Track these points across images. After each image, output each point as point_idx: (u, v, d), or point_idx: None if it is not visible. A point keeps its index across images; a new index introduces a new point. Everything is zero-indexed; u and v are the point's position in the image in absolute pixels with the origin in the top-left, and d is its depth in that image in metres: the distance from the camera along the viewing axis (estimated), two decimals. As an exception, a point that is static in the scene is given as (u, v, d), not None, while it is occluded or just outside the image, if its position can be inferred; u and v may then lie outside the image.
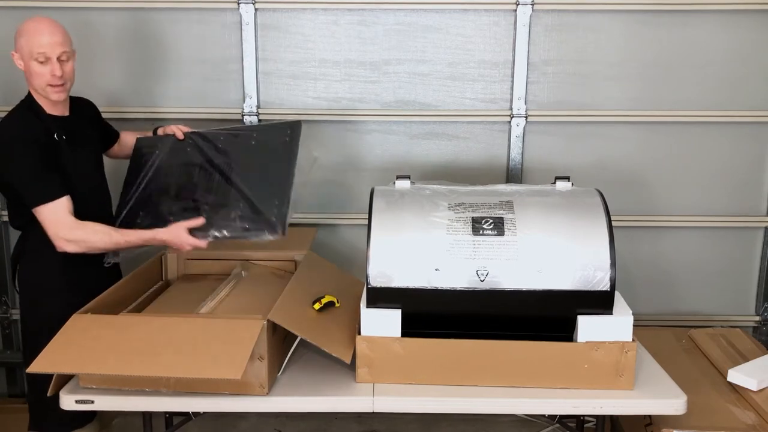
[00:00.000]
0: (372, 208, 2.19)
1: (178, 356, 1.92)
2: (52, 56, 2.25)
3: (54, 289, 2.35)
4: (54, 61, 2.25)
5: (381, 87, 3.16)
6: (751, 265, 3.32)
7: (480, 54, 3.12)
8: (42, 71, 2.25)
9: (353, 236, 3.25)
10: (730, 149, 3.20)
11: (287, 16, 3.10)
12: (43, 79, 2.26)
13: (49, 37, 2.25)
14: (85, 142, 2.42)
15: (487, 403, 2.07)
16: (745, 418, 2.29)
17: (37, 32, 2.24)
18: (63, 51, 2.27)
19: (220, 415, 3.19)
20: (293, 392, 2.07)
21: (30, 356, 2.37)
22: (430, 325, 2.10)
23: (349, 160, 3.21)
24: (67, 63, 2.30)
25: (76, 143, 2.37)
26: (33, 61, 2.24)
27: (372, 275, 2.08)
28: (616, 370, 2.05)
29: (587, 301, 2.06)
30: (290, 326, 2.04)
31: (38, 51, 2.23)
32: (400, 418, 3.28)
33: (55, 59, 2.25)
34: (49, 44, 2.24)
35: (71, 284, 2.35)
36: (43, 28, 2.25)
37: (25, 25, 2.29)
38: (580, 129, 3.18)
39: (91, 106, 2.60)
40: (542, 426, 3.22)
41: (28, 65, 2.27)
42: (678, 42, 3.10)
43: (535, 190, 2.32)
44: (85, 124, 2.48)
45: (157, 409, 2.16)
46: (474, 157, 3.20)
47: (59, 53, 2.26)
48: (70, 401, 2.00)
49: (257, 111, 3.15)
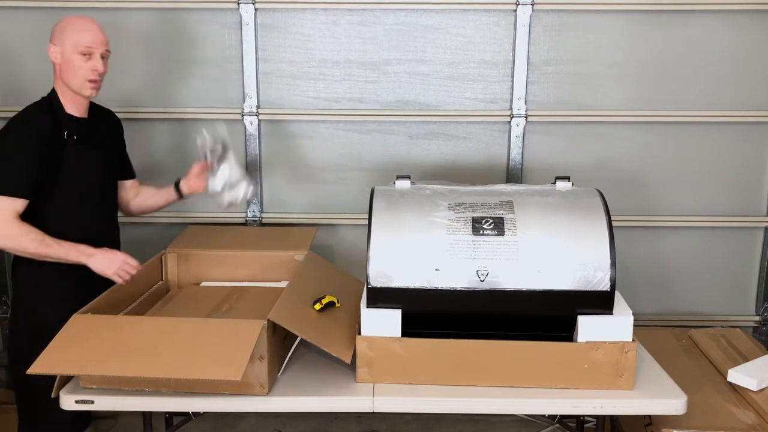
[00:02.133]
0: (372, 208, 2.19)
1: (179, 357, 1.92)
2: (97, 52, 2.33)
3: (48, 290, 2.35)
4: (97, 56, 2.33)
5: (381, 87, 3.16)
6: (751, 265, 3.32)
7: (480, 54, 3.12)
8: (84, 66, 2.31)
9: (353, 236, 3.25)
10: (730, 149, 3.20)
11: (287, 16, 3.10)
12: (83, 73, 2.31)
13: (98, 34, 2.34)
14: (96, 146, 2.43)
15: (487, 403, 2.07)
16: (745, 418, 2.29)
17: (86, 28, 2.33)
18: (106, 49, 2.37)
19: (220, 415, 3.20)
20: (293, 392, 2.07)
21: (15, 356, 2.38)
22: (430, 325, 2.09)
23: (349, 160, 3.22)
24: (106, 62, 2.38)
25: (86, 143, 2.39)
26: (76, 55, 2.30)
27: (372, 275, 2.08)
28: (616, 370, 2.05)
29: (587, 301, 2.06)
30: (290, 326, 2.04)
31: (85, 45, 2.30)
32: (400, 418, 3.28)
33: (98, 55, 2.33)
34: (97, 41, 2.33)
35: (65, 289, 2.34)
36: (91, 26, 2.35)
37: (70, 21, 2.35)
38: (580, 129, 3.18)
39: (116, 122, 2.62)
40: (542, 426, 3.22)
41: (70, 59, 2.31)
42: (678, 42, 3.10)
43: (535, 190, 2.32)
44: (103, 132, 2.49)
45: (157, 409, 2.16)
46: (474, 157, 3.20)
47: (103, 50, 2.35)
48: (70, 401, 2.00)
49: (257, 111, 3.15)
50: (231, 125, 3.18)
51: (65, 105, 2.36)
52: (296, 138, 3.21)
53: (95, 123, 2.46)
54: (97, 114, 2.49)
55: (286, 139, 3.21)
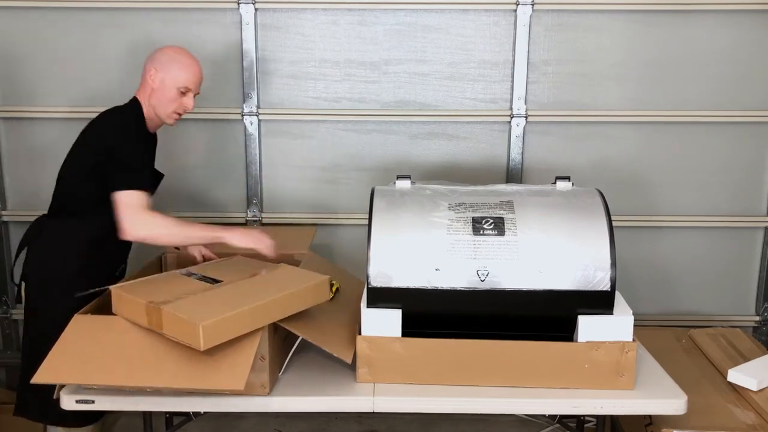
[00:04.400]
0: (372, 208, 2.19)
1: (181, 363, 1.91)
2: (193, 92, 2.46)
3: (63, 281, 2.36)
4: (192, 96, 2.46)
5: (381, 87, 3.16)
6: (751, 265, 3.32)
7: (480, 54, 3.12)
8: (178, 101, 2.43)
9: (353, 236, 3.25)
10: (730, 149, 3.21)
11: (287, 16, 3.10)
12: (173, 107, 2.44)
13: (200, 77, 2.48)
14: (153, 162, 2.56)
15: (487, 403, 2.07)
16: (745, 418, 2.29)
17: (195, 69, 2.45)
18: (199, 92, 2.50)
19: (220, 415, 3.19)
20: (294, 392, 2.07)
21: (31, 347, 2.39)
22: (431, 325, 2.10)
23: (349, 160, 3.22)
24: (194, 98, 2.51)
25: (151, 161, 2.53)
26: (176, 90, 2.41)
27: (372, 275, 2.08)
28: (616, 370, 2.05)
29: (587, 301, 2.06)
30: (291, 326, 2.04)
31: (187, 86, 2.43)
32: (400, 418, 3.28)
33: (192, 95, 2.46)
34: (197, 83, 2.47)
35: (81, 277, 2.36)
36: (198, 69, 2.47)
37: (181, 56, 2.45)
38: (580, 129, 3.19)
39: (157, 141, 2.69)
40: (542, 426, 3.22)
41: (169, 91, 2.41)
42: (678, 42, 3.11)
43: (536, 190, 2.32)
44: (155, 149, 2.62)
45: (157, 409, 2.16)
46: (474, 157, 3.20)
47: (197, 92, 2.49)
48: (70, 401, 2.00)
49: (257, 111, 3.15)
50: (231, 125, 3.19)
51: (146, 120, 2.47)
52: (296, 138, 3.21)
53: (155, 141, 2.60)
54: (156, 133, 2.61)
55: (286, 139, 3.21)
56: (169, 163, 3.14)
